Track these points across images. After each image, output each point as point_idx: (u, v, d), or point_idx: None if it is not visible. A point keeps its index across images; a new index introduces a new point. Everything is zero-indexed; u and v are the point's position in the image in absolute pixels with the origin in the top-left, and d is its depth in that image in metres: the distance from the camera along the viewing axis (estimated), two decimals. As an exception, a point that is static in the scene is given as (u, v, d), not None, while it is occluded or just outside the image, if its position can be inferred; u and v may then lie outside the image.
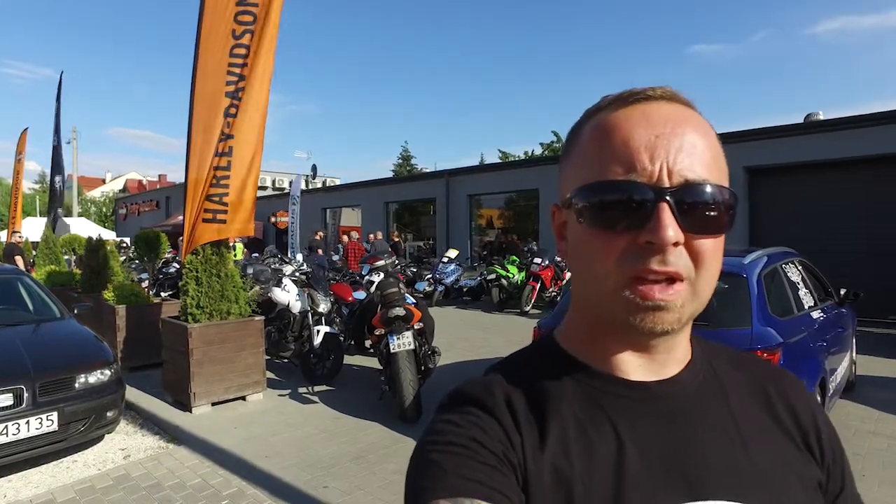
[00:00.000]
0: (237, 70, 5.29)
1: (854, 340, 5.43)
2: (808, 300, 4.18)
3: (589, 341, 0.63)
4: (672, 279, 0.54)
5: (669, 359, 0.62)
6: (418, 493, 0.53)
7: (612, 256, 0.55)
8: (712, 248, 0.56)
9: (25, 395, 3.75)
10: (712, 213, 0.55)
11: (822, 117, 11.43)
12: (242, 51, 5.30)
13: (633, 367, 0.61)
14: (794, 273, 4.26)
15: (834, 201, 9.96)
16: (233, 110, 5.26)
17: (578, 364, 0.63)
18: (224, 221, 5.33)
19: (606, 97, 0.62)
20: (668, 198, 0.53)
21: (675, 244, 0.53)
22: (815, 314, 4.12)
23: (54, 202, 11.58)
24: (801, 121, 11.49)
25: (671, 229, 0.53)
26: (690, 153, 0.55)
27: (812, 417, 0.67)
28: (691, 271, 0.55)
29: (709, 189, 0.55)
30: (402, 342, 4.66)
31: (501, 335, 8.77)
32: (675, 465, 0.57)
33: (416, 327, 4.96)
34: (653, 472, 0.56)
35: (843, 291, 4.96)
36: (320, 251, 15.61)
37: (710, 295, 0.58)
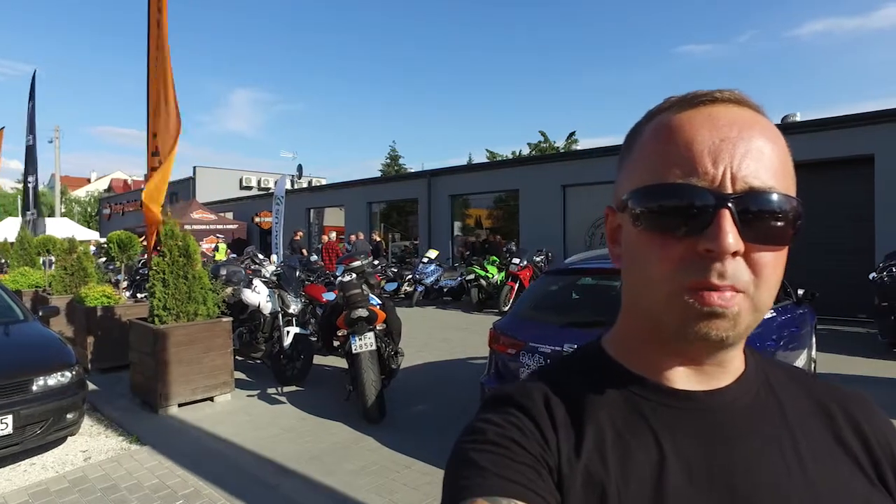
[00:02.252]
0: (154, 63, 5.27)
1: (814, 339, 5.53)
2: (760, 300, 4.26)
3: (636, 348, 0.62)
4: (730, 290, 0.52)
5: (720, 371, 0.60)
6: (457, 492, 0.52)
7: (669, 264, 0.53)
8: (774, 260, 0.54)
9: (-21, 398, 3.74)
10: (777, 224, 0.53)
11: (799, 118, 11.61)
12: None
13: (680, 375, 0.59)
14: (748, 274, 4.34)
15: (807, 201, 9.98)
16: (153, 105, 5.22)
17: (622, 371, 0.62)
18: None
19: (670, 98, 0.60)
20: (730, 204, 0.51)
21: (735, 254, 0.51)
22: (767, 314, 4.20)
23: (28, 202, 11.46)
24: (779, 122, 11.67)
25: (731, 237, 0.50)
26: (757, 159, 0.53)
27: (889, 449, 0.61)
28: (750, 285, 0.52)
29: (775, 198, 0.53)
30: (364, 343, 4.69)
31: (479, 335, 8.78)
32: (722, 480, 0.54)
33: (379, 328, 4.99)
34: (696, 485, 0.54)
35: (800, 291, 5.05)
36: (304, 251, 15.60)
37: (769, 308, 0.56)
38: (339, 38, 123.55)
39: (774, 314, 4.31)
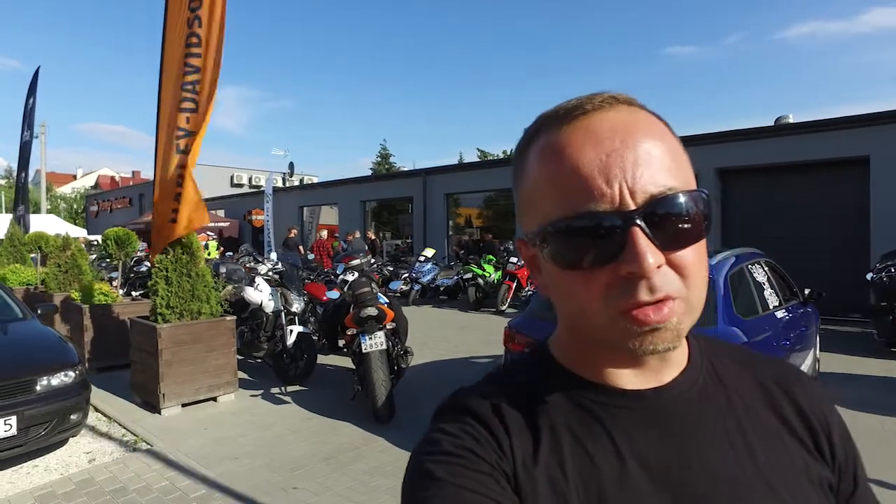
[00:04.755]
0: (194, 62, 5.10)
1: (818, 338, 5.57)
2: (773, 300, 4.27)
3: (580, 353, 0.61)
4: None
5: (664, 365, 0.60)
6: (415, 503, 0.53)
7: (595, 295, 0.52)
8: (695, 257, 0.53)
9: (-18, 398, 3.63)
10: (687, 223, 0.51)
11: (791, 120, 11.72)
12: (195, 40, 5.09)
13: (627, 376, 0.59)
14: (760, 273, 4.35)
15: (802, 202, 10.21)
16: (191, 105, 5.08)
17: (570, 375, 0.61)
18: (176, 220, 5.22)
19: (541, 115, 0.58)
20: (637, 220, 0.49)
21: (658, 267, 0.50)
22: (780, 314, 4.21)
23: (19, 199, 11.26)
24: (772, 123, 11.76)
25: (650, 255, 0.49)
26: (648, 163, 0.51)
27: (823, 418, 0.64)
28: (681, 289, 0.51)
29: (678, 198, 0.51)
30: (375, 342, 4.63)
31: (477, 334, 8.79)
32: (677, 476, 0.55)
33: (388, 327, 4.94)
34: (654, 483, 0.54)
35: (807, 291, 5.07)
36: (301, 248, 15.48)
37: (704, 300, 0.55)
38: (327, 35, 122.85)
39: (787, 314, 4.33)
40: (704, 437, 0.58)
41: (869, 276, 7.47)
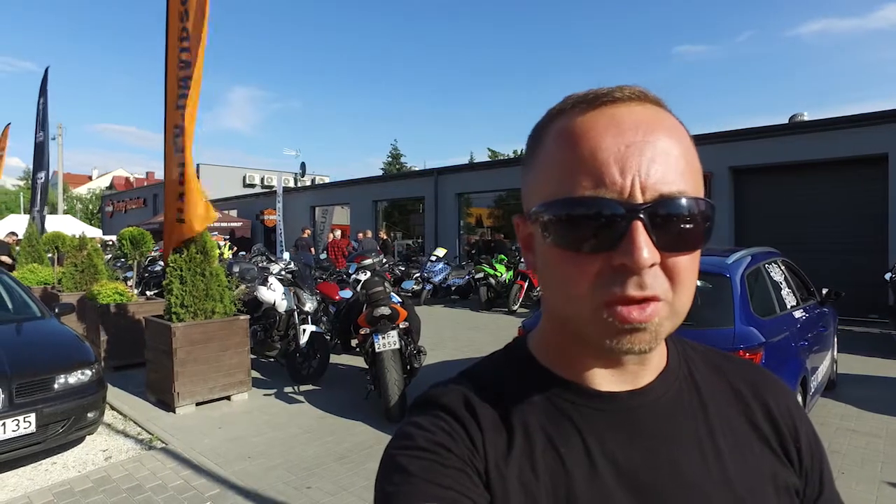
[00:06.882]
0: (185, 56, 5.07)
1: (835, 339, 5.49)
2: (790, 300, 4.21)
3: (559, 351, 0.61)
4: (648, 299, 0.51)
5: (642, 369, 0.60)
6: (387, 498, 0.53)
7: (585, 281, 0.51)
8: (689, 264, 0.53)
9: (2, 396, 3.67)
10: (689, 229, 0.51)
11: (807, 118, 11.55)
12: (185, 34, 5.06)
13: (604, 377, 0.59)
14: (777, 273, 4.30)
15: (818, 201, 10.07)
16: (182, 101, 5.06)
17: (547, 373, 0.61)
18: (183, 220, 5.23)
19: (570, 97, 0.57)
20: (641, 215, 0.49)
21: (652, 265, 0.50)
22: (797, 314, 4.15)
23: (36, 200, 11.39)
24: (787, 121, 11.62)
25: (646, 250, 0.49)
26: (664, 163, 0.51)
27: (791, 422, 0.65)
28: (668, 292, 0.51)
29: (685, 202, 0.51)
30: (387, 342, 4.64)
31: (489, 334, 8.77)
32: (647, 480, 0.55)
33: (401, 327, 4.94)
34: (622, 485, 0.55)
35: (825, 291, 5.01)
36: (312, 249, 15.54)
37: (688, 310, 0.55)
38: (337, 36, 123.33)
39: (805, 314, 4.27)
40: (676, 442, 0.58)
41: (888, 275, 7.37)
